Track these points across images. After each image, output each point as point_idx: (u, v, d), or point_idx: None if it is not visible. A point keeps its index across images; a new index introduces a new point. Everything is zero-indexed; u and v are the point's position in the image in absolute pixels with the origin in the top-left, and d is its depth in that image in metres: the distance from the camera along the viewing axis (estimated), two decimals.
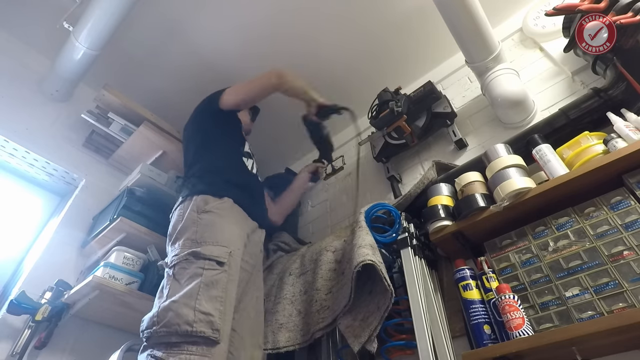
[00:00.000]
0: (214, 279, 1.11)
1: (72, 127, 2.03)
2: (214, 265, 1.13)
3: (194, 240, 1.18)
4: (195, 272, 1.10)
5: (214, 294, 1.08)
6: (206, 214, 1.24)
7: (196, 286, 1.07)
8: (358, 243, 1.24)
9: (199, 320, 1.01)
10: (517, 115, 1.50)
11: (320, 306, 1.31)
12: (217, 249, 1.16)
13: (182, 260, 1.13)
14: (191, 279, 1.09)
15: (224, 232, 1.23)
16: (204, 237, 1.19)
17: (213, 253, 1.15)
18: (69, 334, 1.52)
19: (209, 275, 1.10)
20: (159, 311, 1.03)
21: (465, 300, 1.09)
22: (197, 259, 1.13)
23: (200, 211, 1.25)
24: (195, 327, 1.00)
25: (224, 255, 1.16)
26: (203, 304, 1.04)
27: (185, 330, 0.99)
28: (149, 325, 1.02)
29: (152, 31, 2.00)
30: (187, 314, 1.01)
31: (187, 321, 1.00)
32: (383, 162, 1.90)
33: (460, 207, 1.19)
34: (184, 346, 0.99)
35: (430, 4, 1.47)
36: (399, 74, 2.12)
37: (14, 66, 1.98)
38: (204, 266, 1.12)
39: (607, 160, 0.97)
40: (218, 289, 1.10)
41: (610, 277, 0.89)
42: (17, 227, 1.81)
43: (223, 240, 1.20)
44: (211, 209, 1.26)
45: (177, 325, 0.99)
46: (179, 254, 1.15)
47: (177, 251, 1.17)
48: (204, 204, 1.26)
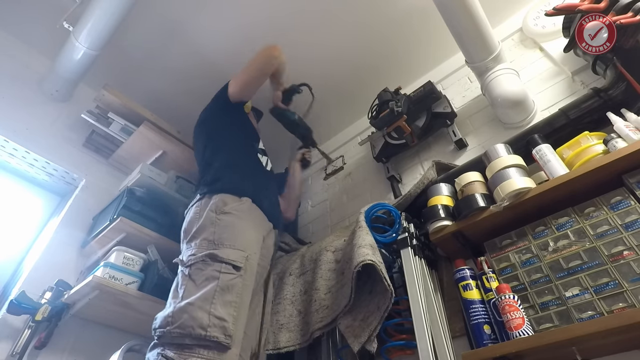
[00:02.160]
0: (230, 284, 1.11)
1: (72, 127, 2.03)
2: (230, 270, 1.12)
3: (212, 241, 1.17)
4: (211, 274, 1.10)
5: (228, 299, 1.08)
6: (225, 215, 1.23)
7: (212, 290, 1.07)
8: (358, 243, 1.24)
9: (213, 325, 1.01)
10: (517, 115, 1.50)
11: (319, 305, 1.31)
12: (234, 253, 1.16)
13: (199, 261, 1.13)
14: (207, 281, 1.09)
15: (242, 236, 1.22)
16: (222, 239, 1.18)
17: (230, 257, 1.14)
18: (69, 334, 1.52)
19: (225, 280, 1.10)
20: (174, 311, 1.03)
21: (465, 300, 1.09)
22: (214, 261, 1.12)
23: (219, 212, 1.23)
24: (209, 332, 1.00)
25: (241, 259, 1.16)
26: (218, 308, 1.04)
27: (199, 334, 0.99)
28: (163, 325, 1.02)
29: (152, 31, 2.00)
30: (202, 318, 1.01)
31: (201, 325, 1.00)
32: (383, 162, 1.90)
33: (460, 207, 1.19)
34: (196, 349, 0.99)
35: (430, 4, 1.47)
36: (399, 74, 2.12)
37: (14, 66, 1.98)
38: (221, 269, 1.11)
39: (607, 160, 0.98)
40: (233, 294, 1.10)
41: (610, 277, 0.89)
42: (17, 227, 1.81)
43: (241, 244, 1.20)
44: (230, 210, 1.25)
45: (191, 328, 0.99)
46: (196, 254, 1.14)
47: (194, 250, 1.16)
48: (222, 205, 1.25)
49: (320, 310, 1.30)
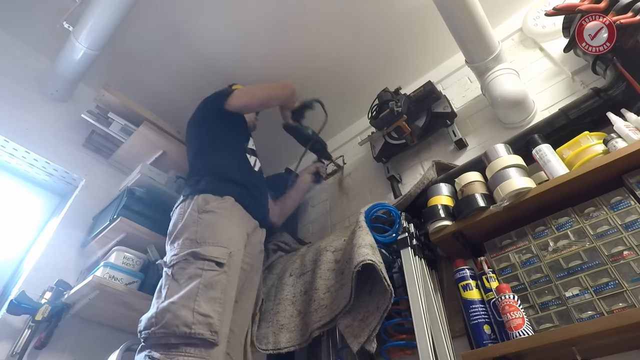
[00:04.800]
0: (213, 280, 1.10)
1: (72, 127, 2.03)
2: (213, 266, 1.12)
3: (194, 240, 1.17)
4: (194, 272, 1.10)
5: (213, 295, 1.08)
6: (207, 213, 1.24)
7: (195, 287, 1.06)
8: (358, 243, 1.24)
9: (198, 322, 1.01)
10: (517, 115, 1.50)
11: (318, 305, 1.31)
12: (216, 250, 1.16)
13: (181, 260, 1.13)
14: (190, 279, 1.08)
15: (224, 233, 1.22)
16: (204, 237, 1.18)
17: (213, 254, 1.14)
18: (68, 334, 1.52)
19: (208, 277, 1.10)
20: (157, 312, 1.03)
21: (465, 300, 1.09)
22: (196, 259, 1.12)
23: (201, 211, 1.24)
24: (193, 329, 0.99)
25: (224, 256, 1.16)
26: (202, 305, 1.04)
27: (184, 332, 0.99)
28: (147, 326, 1.02)
29: (152, 31, 2.00)
30: (186, 316, 1.00)
31: (185, 323, 1.00)
32: (383, 162, 1.90)
33: (460, 207, 1.19)
34: (182, 348, 0.99)
35: (430, 4, 1.47)
36: (399, 74, 2.12)
37: (14, 66, 1.98)
38: (203, 267, 1.11)
39: (607, 160, 0.97)
40: (217, 290, 1.10)
41: (610, 277, 0.89)
42: (18, 227, 1.81)
43: (223, 240, 1.20)
44: (212, 209, 1.25)
45: (175, 326, 0.99)
46: (178, 253, 1.15)
47: (177, 251, 1.16)
48: (204, 204, 1.26)
49: (319, 309, 1.30)
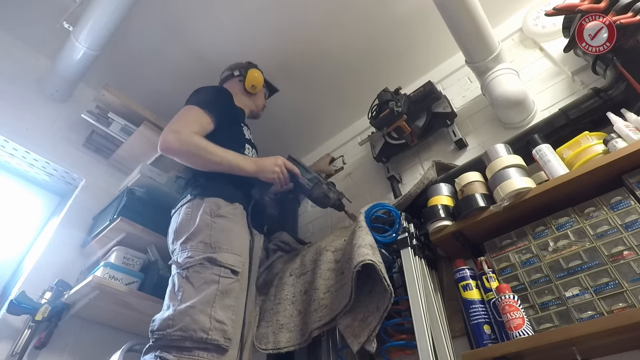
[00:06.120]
0: (229, 288, 1.12)
1: (72, 127, 2.03)
2: (229, 274, 1.14)
3: (208, 244, 1.17)
4: (211, 278, 1.11)
5: (227, 303, 1.10)
6: (220, 218, 1.24)
7: (212, 293, 1.08)
8: (358, 243, 1.23)
9: (214, 328, 1.03)
10: (517, 115, 1.50)
11: (318, 305, 1.31)
12: (232, 258, 1.17)
13: (197, 264, 1.13)
14: (207, 284, 1.09)
15: (237, 240, 1.24)
16: (218, 242, 1.18)
17: (229, 261, 1.15)
18: (68, 334, 1.52)
19: (225, 284, 1.12)
20: (174, 314, 1.03)
21: (465, 300, 1.09)
22: (212, 264, 1.13)
23: (214, 215, 1.24)
24: (210, 335, 1.01)
25: (239, 264, 1.18)
26: (218, 312, 1.06)
27: (201, 337, 1.00)
28: (162, 327, 1.02)
29: (152, 31, 1.99)
30: (204, 321, 1.02)
31: (203, 328, 1.01)
32: (383, 162, 1.90)
33: (460, 207, 1.19)
34: (195, 352, 1.00)
35: (430, 4, 1.47)
36: (399, 74, 2.12)
37: (14, 66, 1.98)
38: (220, 273, 1.12)
39: (607, 160, 0.97)
40: (231, 298, 1.12)
41: (610, 277, 0.89)
42: (17, 227, 1.81)
43: (237, 248, 1.21)
44: (225, 214, 1.26)
45: (193, 331, 1.00)
46: (194, 256, 1.15)
47: (191, 253, 1.16)
48: (217, 208, 1.26)
49: (319, 309, 1.30)
